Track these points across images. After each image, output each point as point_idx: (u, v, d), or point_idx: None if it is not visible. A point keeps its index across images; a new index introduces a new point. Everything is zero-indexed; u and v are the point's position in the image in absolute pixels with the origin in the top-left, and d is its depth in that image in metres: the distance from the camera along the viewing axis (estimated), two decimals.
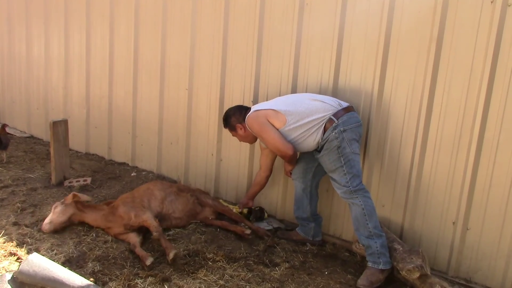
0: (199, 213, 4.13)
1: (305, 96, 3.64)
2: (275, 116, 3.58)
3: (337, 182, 3.46)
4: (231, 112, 3.98)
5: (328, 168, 3.51)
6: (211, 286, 3.17)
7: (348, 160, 3.40)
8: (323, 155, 3.49)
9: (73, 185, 4.81)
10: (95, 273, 3.22)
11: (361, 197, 3.39)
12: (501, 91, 3.18)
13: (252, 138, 3.96)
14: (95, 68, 5.75)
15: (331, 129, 3.43)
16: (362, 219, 3.39)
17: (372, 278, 3.30)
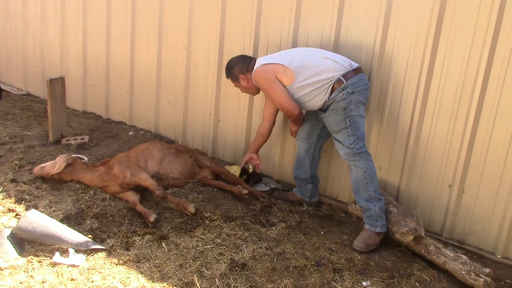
0: (197, 173, 4.14)
1: (316, 53, 3.54)
2: (283, 72, 3.47)
3: (341, 143, 3.42)
4: (234, 62, 3.84)
5: (333, 128, 3.47)
6: (208, 244, 3.21)
7: (353, 122, 3.37)
8: (329, 115, 3.44)
9: (71, 143, 4.80)
10: (93, 230, 3.26)
11: (363, 160, 3.39)
12: (502, 56, 3.15)
13: (255, 90, 3.83)
14: (92, 26, 5.65)
15: (339, 90, 3.36)
16: (363, 182, 3.40)
17: (368, 241, 3.33)
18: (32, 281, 2.65)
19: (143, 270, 2.86)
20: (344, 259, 3.18)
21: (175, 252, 3.08)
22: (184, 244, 3.18)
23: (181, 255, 3.06)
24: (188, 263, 2.98)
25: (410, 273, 3.11)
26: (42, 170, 3.84)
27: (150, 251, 3.07)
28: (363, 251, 3.30)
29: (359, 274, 3.04)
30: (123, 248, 3.08)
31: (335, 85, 3.37)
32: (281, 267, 3.03)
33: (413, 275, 3.08)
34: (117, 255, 3.00)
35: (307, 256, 3.19)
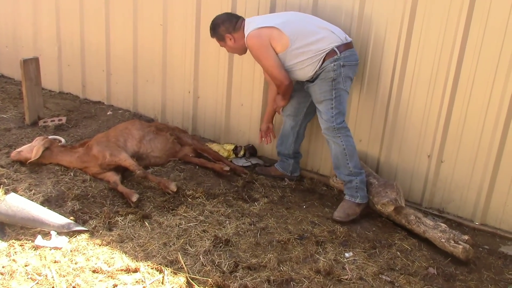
0: (178, 151, 4.12)
1: (313, 21, 3.48)
2: (278, 38, 3.35)
3: (322, 114, 3.40)
4: (219, 20, 3.63)
5: (317, 98, 3.43)
6: (191, 222, 3.22)
7: (338, 95, 3.35)
8: (315, 84, 3.40)
9: (48, 125, 4.73)
10: (75, 211, 3.24)
11: (343, 136, 3.39)
12: (479, 25, 3.16)
13: (242, 50, 3.67)
14: (65, 3, 5.51)
15: (331, 60, 3.31)
16: (343, 159, 3.41)
17: (348, 211, 3.38)
18: (15, 265, 2.64)
19: (127, 250, 2.86)
20: (326, 231, 3.23)
21: (158, 231, 3.09)
22: (167, 223, 3.18)
23: (165, 234, 3.06)
24: (172, 241, 2.99)
25: (391, 242, 3.17)
26: (19, 155, 3.77)
27: (133, 230, 3.07)
28: (343, 221, 3.34)
29: (341, 246, 3.08)
30: (106, 229, 3.07)
31: (327, 56, 3.32)
32: (265, 241, 3.06)
33: (394, 245, 3.14)
34: (100, 236, 2.99)
35: (290, 230, 3.22)
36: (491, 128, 3.28)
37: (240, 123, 4.46)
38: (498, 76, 3.18)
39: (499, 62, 3.16)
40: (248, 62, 4.20)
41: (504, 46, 3.12)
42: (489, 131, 3.29)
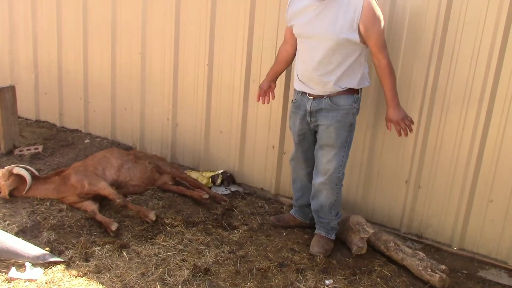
0: (157, 180, 4.09)
1: None
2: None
3: (330, 162, 3.14)
4: None
5: (330, 142, 3.12)
6: (170, 251, 3.18)
7: (351, 143, 3.22)
8: (332, 126, 3.10)
9: (24, 154, 4.66)
10: (51, 242, 3.17)
11: (340, 188, 3.27)
12: (451, 49, 3.25)
13: None
14: (42, 31, 5.50)
15: (353, 98, 3.12)
16: (328, 208, 3.30)
17: (326, 246, 3.33)
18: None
19: (104, 281, 2.81)
20: (306, 258, 3.21)
21: (136, 261, 3.04)
22: (146, 252, 3.14)
23: (143, 263, 3.02)
24: (150, 271, 2.95)
25: (371, 269, 3.17)
26: None
27: (110, 261, 3.02)
28: (324, 256, 3.30)
29: (321, 273, 3.07)
30: (83, 259, 3.01)
31: (352, 90, 3.11)
32: (244, 270, 3.03)
33: (374, 271, 3.14)
34: (76, 266, 2.93)
35: (270, 258, 3.20)
36: (466, 153, 3.33)
37: (219, 150, 4.46)
38: (471, 102, 3.25)
39: (472, 87, 3.23)
40: (227, 88, 4.23)
41: (476, 69, 3.20)
42: (464, 156, 3.34)
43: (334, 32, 2.89)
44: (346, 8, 2.86)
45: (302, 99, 3.22)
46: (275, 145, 4.07)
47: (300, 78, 3.17)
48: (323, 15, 2.92)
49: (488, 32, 3.12)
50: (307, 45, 3.05)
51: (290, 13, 3.11)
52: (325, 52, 2.96)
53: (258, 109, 4.11)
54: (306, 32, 3.02)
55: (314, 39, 2.99)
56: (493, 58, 3.12)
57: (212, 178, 4.27)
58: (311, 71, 3.05)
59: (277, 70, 3.52)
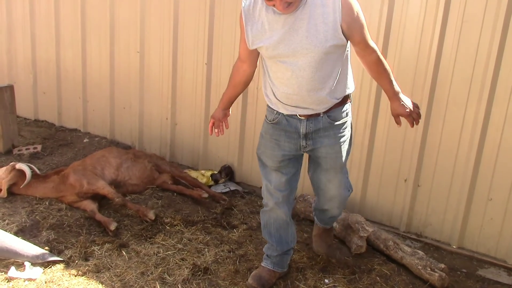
0: (156, 179, 4.09)
1: None
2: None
3: (340, 185, 2.81)
4: None
5: (337, 163, 2.72)
6: (170, 250, 3.18)
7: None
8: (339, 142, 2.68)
9: (23, 153, 4.66)
10: (50, 241, 3.17)
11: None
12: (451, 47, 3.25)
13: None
14: (40, 30, 5.49)
15: (349, 105, 2.74)
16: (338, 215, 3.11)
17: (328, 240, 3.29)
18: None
19: (103, 280, 2.81)
20: (306, 257, 3.21)
21: (136, 260, 3.04)
22: (145, 251, 3.14)
23: (142, 263, 3.02)
24: (150, 270, 2.95)
25: (370, 268, 3.17)
26: None
27: (110, 260, 3.02)
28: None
29: (321, 272, 3.07)
30: (82, 259, 3.01)
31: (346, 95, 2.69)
32: (244, 269, 3.03)
33: (373, 270, 3.14)
34: (76, 266, 2.93)
35: None
36: (465, 151, 3.33)
37: (218, 149, 4.46)
38: (471, 99, 3.25)
39: (471, 86, 3.23)
40: (226, 87, 4.22)
41: (475, 69, 3.21)
42: (464, 155, 3.34)
43: (319, 43, 2.38)
44: (322, 10, 2.36)
45: (288, 120, 2.64)
46: None
47: (285, 102, 2.58)
48: (297, 26, 2.38)
49: (487, 29, 3.12)
50: (288, 66, 2.46)
51: (251, 36, 2.51)
52: (314, 68, 2.44)
53: (257, 107, 4.11)
54: (283, 51, 2.44)
55: (295, 57, 2.43)
56: (491, 56, 3.12)
57: (213, 176, 4.27)
58: (301, 93, 2.51)
59: (233, 94, 2.90)
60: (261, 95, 4.03)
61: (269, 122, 2.71)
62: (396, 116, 2.67)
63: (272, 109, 2.69)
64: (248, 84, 2.85)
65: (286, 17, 2.39)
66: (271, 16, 2.43)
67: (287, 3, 2.28)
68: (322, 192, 2.86)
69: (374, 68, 2.59)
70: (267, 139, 2.73)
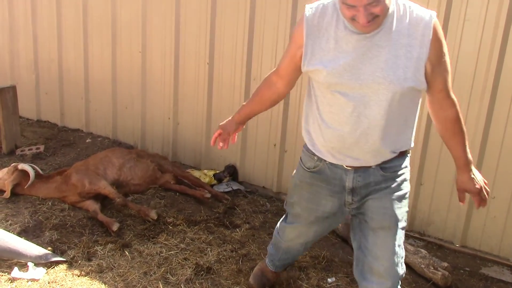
0: (158, 178, 4.09)
1: None
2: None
3: (389, 250, 2.13)
4: None
5: (387, 221, 2.12)
6: (172, 249, 3.18)
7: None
8: (390, 197, 2.12)
9: (26, 154, 4.67)
10: (53, 242, 3.18)
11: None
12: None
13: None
14: (42, 31, 5.50)
15: (408, 158, 2.20)
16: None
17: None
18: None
19: (106, 280, 2.81)
20: (308, 257, 3.21)
21: (138, 260, 3.04)
22: (148, 251, 3.14)
23: (145, 263, 3.02)
24: (153, 270, 2.95)
25: None
26: None
27: (113, 260, 3.02)
28: None
29: (324, 271, 3.07)
30: (85, 259, 3.02)
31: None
32: (247, 268, 3.03)
33: None
34: (79, 266, 2.94)
35: None
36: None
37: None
38: (473, 97, 3.24)
39: (473, 83, 3.23)
40: (228, 87, 4.22)
41: (478, 66, 3.20)
42: None
43: (396, 79, 1.88)
44: (407, 41, 1.89)
45: (332, 169, 2.14)
46: (276, 143, 4.07)
47: (335, 146, 2.06)
48: (373, 53, 1.89)
49: (489, 28, 3.11)
50: (350, 100, 1.95)
51: (310, 53, 2.01)
52: (383, 109, 1.94)
53: None
54: (348, 81, 1.94)
55: (361, 91, 1.93)
56: (494, 54, 3.11)
57: (216, 175, 4.27)
58: (355, 137, 2.00)
59: (255, 110, 2.44)
60: None
61: (307, 170, 2.22)
62: (462, 191, 2.21)
63: (312, 153, 2.18)
64: (276, 103, 2.41)
65: (362, 39, 1.89)
66: (342, 33, 1.93)
67: (372, 16, 1.76)
68: (367, 263, 2.16)
69: (449, 126, 2.08)
70: (304, 188, 2.26)
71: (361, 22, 1.78)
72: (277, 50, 3.89)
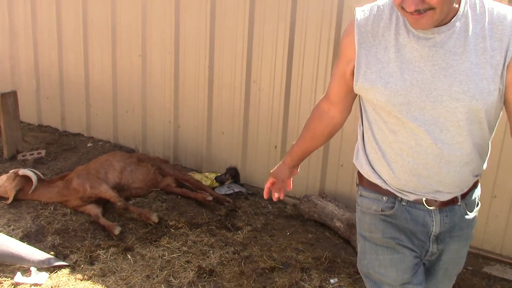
0: (160, 182, 4.10)
1: None
2: None
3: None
4: None
5: (457, 270, 1.83)
6: (175, 252, 3.19)
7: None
8: (467, 241, 1.77)
9: (27, 159, 4.67)
10: (55, 246, 3.18)
11: None
12: None
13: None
14: (43, 36, 5.51)
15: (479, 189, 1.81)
16: None
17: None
18: None
19: (109, 284, 2.82)
20: (311, 258, 3.22)
21: (141, 263, 3.05)
22: (150, 255, 3.15)
23: (148, 266, 3.02)
24: (155, 273, 2.95)
25: None
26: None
27: (115, 264, 3.03)
28: None
29: (326, 272, 3.07)
30: (87, 263, 3.02)
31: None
32: (249, 270, 3.03)
33: None
34: (81, 270, 2.94)
35: (275, 258, 3.21)
36: None
37: (221, 151, 4.46)
38: None
39: None
40: (228, 89, 4.23)
41: None
42: None
43: (479, 93, 1.47)
44: (490, 44, 1.47)
45: (411, 211, 1.67)
46: (277, 144, 4.07)
47: (402, 181, 1.62)
48: (448, 63, 1.48)
49: None
50: (421, 125, 1.52)
51: (364, 67, 1.57)
52: (465, 131, 1.53)
53: (259, 109, 4.11)
54: (417, 100, 1.51)
55: (435, 111, 1.51)
56: None
57: (218, 178, 4.27)
58: (434, 169, 1.58)
59: (309, 148, 1.96)
60: (264, 96, 4.05)
61: (377, 213, 1.70)
62: None
63: (378, 192, 1.69)
64: (332, 135, 1.92)
65: (431, 45, 1.47)
66: (405, 40, 1.51)
67: (423, 4, 1.36)
68: None
69: None
70: (378, 240, 1.72)
71: (408, 8, 1.37)
72: (276, 53, 3.89)
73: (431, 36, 1.47)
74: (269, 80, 3.99)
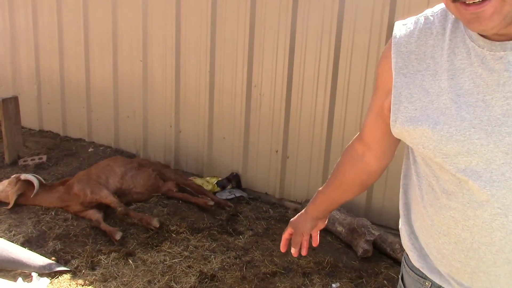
0: (161, 187, 4.10)
1: None
2: None
3: None
4: None
5: None
6: (176, 257, 3.18)
7: None
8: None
9: (28, 164, 4.68)
10: (57, 251, 3.18)
11: None
12: None
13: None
14: (44, 41, 5.53)
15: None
16: None
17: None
18: None
19: None
20: (312, 262, 3.21)
21: (142, 268, 3.04)
22: (152, 260, 3.14)
23: (149, 271, 3.02)
24: (157, 278, 2.95)
25: (377, 271, 3.16)
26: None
27: (116, 269, 3.02)
28: None
29: (328, 277, 3.06)
30: (89, 268, 3.02)
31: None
32: (251, 275, 3.03)
33: (380, 274, 3.13)
34: (83, 275, 2.94)
35: (276, 262, 3.20)
36: None
37: (222, 156, 4.46)
38: None
39: None
40: (229, 94, 4.23)
41: None
42: None
43: None
44: None
45: None
46: (278, 149, 4.07)
47: (454, 263, 1.15)
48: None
49: None
50: (483, 186, 1.03)
51: (406, 100, 1.13)
52: None
53: (260, 113, 4.11)
54: (483, 147, 1.02)
55: (508, 166, 1.01)
56: None
57: (219, 183, 4.27)
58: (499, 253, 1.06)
59: (336, 199, 1.54)
60: (265, 100, 4.05)
61: None
62: None
63: (421, 274, 1.26)
64: (367, 186, 1.49)
65: (503, 68, 1.00)
66: (463, 62, 1.06)
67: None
68: None
69: None
70: None
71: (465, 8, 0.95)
72: (277, 57, 3.90)
73: (502, 53, 1.00)
74: (270, 84, 3.99)
